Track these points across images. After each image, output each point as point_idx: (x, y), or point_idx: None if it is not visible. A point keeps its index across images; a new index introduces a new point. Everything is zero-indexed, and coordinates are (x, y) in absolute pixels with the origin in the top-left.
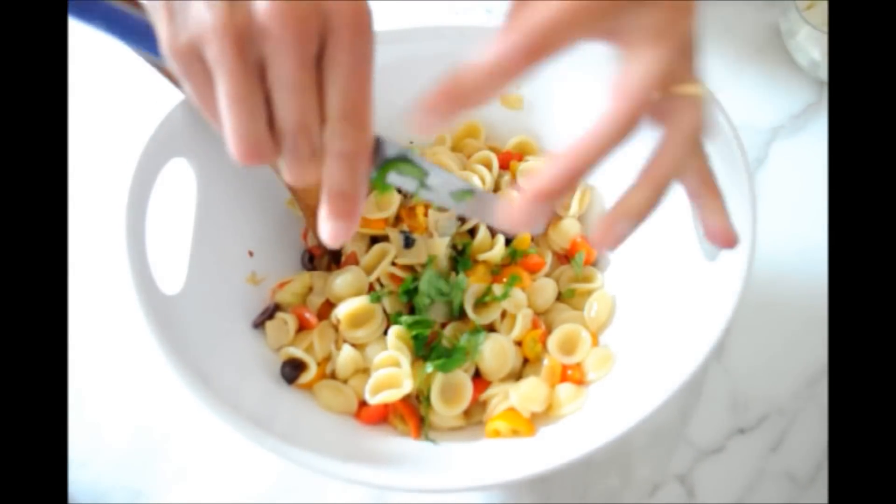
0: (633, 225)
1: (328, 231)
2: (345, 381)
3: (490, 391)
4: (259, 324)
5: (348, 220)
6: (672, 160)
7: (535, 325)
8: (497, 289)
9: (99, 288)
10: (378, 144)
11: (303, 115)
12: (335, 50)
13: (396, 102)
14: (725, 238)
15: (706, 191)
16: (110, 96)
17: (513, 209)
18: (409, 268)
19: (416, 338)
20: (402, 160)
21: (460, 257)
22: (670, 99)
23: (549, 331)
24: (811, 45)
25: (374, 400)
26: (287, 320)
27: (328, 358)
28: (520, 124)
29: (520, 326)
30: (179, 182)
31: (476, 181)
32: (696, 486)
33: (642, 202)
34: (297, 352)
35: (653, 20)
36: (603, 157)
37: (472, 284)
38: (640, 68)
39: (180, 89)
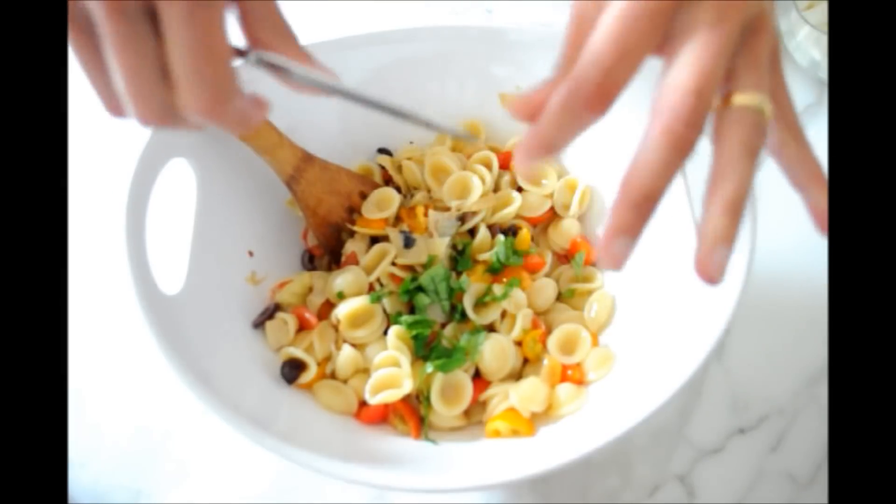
0: (728, 251)
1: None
2: (345, 381)
3: (490, 391)
4: (259, 324)
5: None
6: (738, 180)
7: (535, 325)
8: (497, 289)
9: (99, 288)
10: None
11: (131, 75)
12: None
13: (397, 101)
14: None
15: (808, 175)
16: None
17: (599, 250)
18: (409, 268)
19: (416, 338)
20: None
21: (460, 257)
22: (724, 108)
23: (549, 331)
24: (811, 45)
25: (374, 400)
26: (287, 320)
27: (328, 358)
28: (520, 124)
29: (520, 326)
30: (179, 182)
31: (475, 181)
32: (696, 486)
33: (725, 230)
34: (297, 352)
35: (697, 20)
36: (664, 183)
37: (472, 284)
38: (678, 75)
39: None
